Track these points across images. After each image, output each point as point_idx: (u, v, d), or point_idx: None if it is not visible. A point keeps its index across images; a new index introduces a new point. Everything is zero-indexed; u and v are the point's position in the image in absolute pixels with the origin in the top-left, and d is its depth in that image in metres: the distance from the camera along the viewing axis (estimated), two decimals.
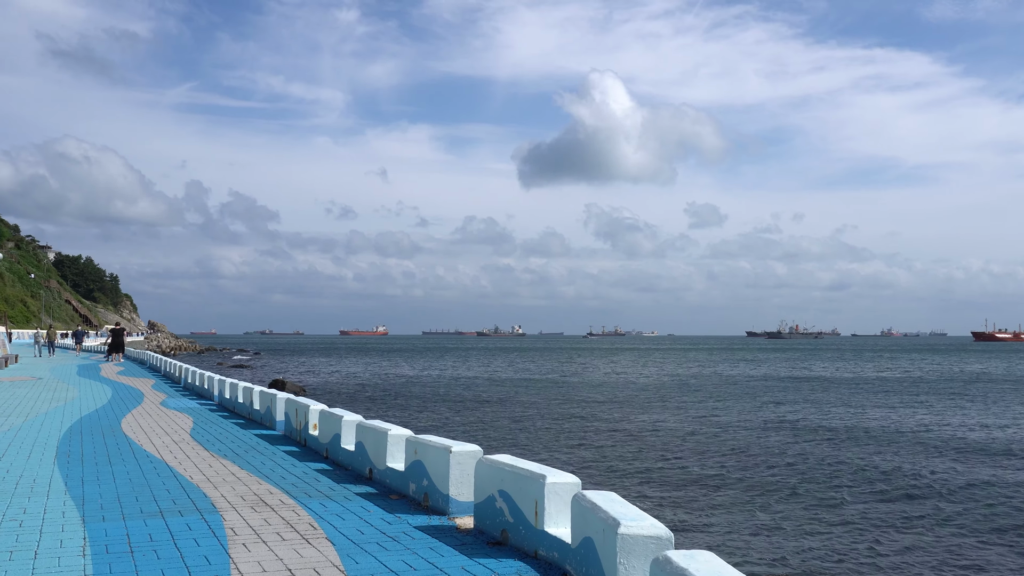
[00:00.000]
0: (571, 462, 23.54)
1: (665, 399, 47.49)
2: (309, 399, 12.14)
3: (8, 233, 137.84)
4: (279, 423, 13.25)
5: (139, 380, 25.84)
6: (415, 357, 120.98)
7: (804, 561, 14.23)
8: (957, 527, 16.72)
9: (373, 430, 9.09)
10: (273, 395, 13.55)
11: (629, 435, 30.78)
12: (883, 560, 14.35)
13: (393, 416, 36.14)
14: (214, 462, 9.97)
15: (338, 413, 10.41)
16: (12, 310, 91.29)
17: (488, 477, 6.71)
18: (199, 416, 15.45)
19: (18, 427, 13.19)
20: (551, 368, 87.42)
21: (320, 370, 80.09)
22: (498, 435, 30.23)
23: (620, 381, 64.88)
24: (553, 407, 41.68)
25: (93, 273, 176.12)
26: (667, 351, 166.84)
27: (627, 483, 20.77)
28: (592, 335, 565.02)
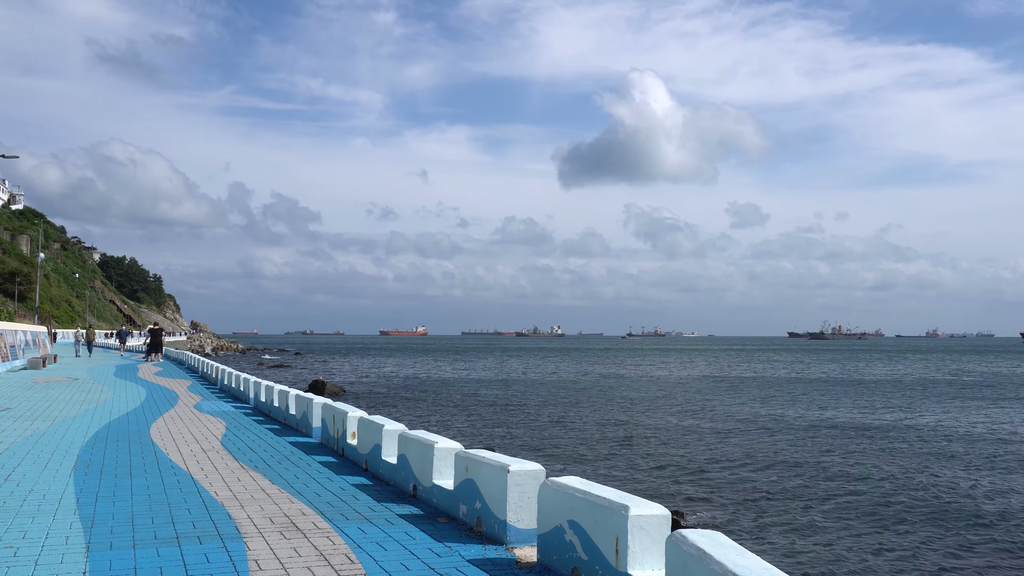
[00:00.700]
0: (647, 484, 22.25)
1: (735, 408, 46.06)
2: (348, 405, 11.21)
3: (54, 234, 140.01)
4: (316, 430, 12.36)
5: (175, 381, 25.25)
6: (455, 358, 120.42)
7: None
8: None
9: (417, 442, 8.11)
10: (309, 400, 12.66)
11: (712, 452, 29.52)
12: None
13: (435, 421, 35.28)
14: (243, 475, 9.07)
15: (378, 422, 9.45)
16: (57, 310, 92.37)
17: (555, 503, 5.68)
18: (232, 421, 14.63)
19: (42, 432, 12.46)
20: (599, 370, 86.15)
21: (360, 371, 79.71)
22: (555, 446, 29.00)
23: (676, 385, 63.48)
24: (611, 414, 40.50)
25: (137, 274, 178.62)
26: (713, 352, 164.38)
27: (719, 515, 19.52)
28: (631, 335, 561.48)
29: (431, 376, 70.77)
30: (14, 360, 30.14)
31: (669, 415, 38.47)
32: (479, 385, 59.07)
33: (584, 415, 38.06)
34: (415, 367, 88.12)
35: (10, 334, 30.39)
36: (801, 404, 44.90)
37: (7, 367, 28.25)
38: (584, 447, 27.78)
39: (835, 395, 51.72)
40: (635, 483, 21.51)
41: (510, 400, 46.04)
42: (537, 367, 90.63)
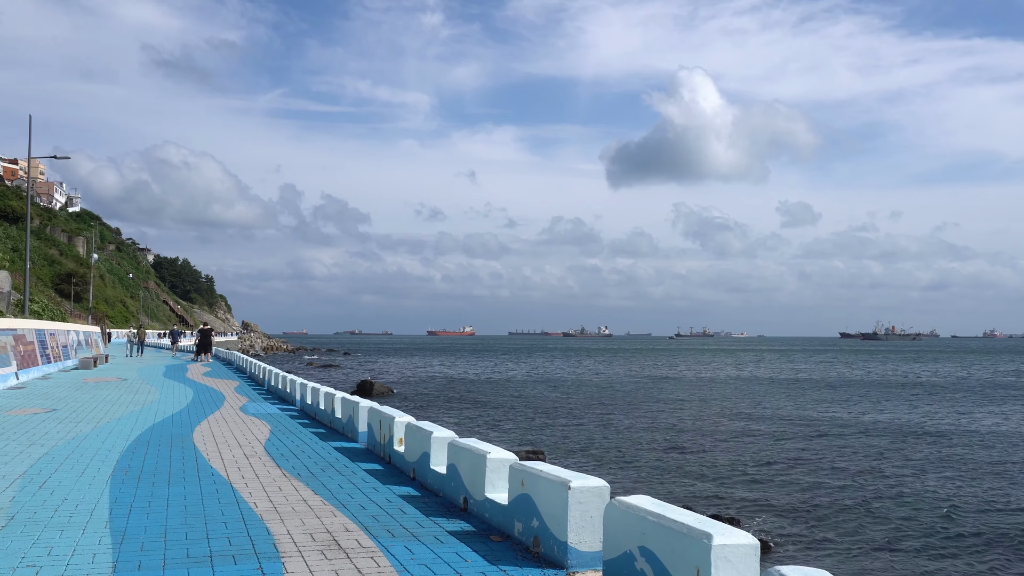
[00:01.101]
0: (709, 497, 21.43)
1: (794, 411, 44.90)
2: (394, 409, 10.72)
3: (110, 236, 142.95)
4: (361, 435, 11.89)
5: (223, 382, 25.12)
6: (503, 358, 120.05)
7: None
8: None
9: (468, 452, 7.56)
10: (355, 403, 12.20)
11: (779, 462, 28.61)
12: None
13: (483, 423, 34.82)
14: (285, 484, 8.61)
15: (426, 428, 8.93)
16: (112, 310, 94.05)
17: (623, 526, 5.08)
18: (277, 424, 14.26)
19: (84, 436, 12.20)
20: (648, 372, 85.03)
21: (408, 371, 79.75)
22: (607, 450, 28.38)
23: (729, 387, 62.28)
24: (664, 418, 39.65)
25: (190, 275, 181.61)
26: (764, 353, 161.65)
27: (799, 535, 18.73)
28: (679, 336, 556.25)
29: (479, 377, 70.42)
30: (66, 360, 30.38)
31: (725, 419, 37.49)
32: (527, 386, 58.53)
33: (637, 419, 37.27)
34: (462, 367, 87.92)
35: (62, 334, 30.65)
36: (862, 407, 43.51)
37: (59, 367, 28.46)
38: (639, 453, 27.04)
39: (897, 398, 50.12)
40: (700, 498, 20.76)
41: (559, 402, 45.40)
42: (586, 368, 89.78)
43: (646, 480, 22.11)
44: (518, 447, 28.40)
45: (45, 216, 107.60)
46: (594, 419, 36.53)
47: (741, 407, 42.71)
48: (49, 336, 28.27)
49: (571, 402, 45.26)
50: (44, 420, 14.06)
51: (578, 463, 25.12)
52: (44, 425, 13.35)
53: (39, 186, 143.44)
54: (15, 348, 22.88)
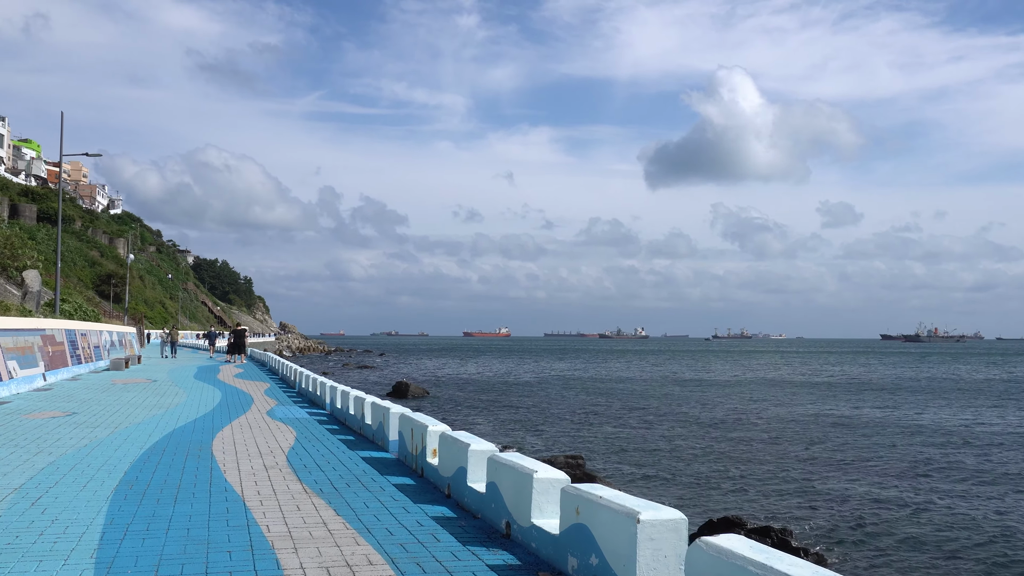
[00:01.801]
0: (788, 519, 20.31)
1: (852, 412, 43.31)
2: (428, 417, 9.74)
3: (150, 238, 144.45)
4: (392, 443, 10.93)
5: (253, 384, 24.38)
6: (540, 360, 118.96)
7: None
8: None
9: (511, 470, 6.53)
10: (386, 409, 11.24)
11: (852, 480, 27.30)
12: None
13: (520, 427, 33.76)
14: (304, 502, 7.66)
15: (463, 440, 7.91)
16: (151, 311, 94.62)
17: (713, 572, 4.01)
18: (304, 431, 13.36)
19: (97, 442, 11.38)
20: (691, 374, 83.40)
21: (444, 372, 79.01)
22: (656, 464, 27.19)
23: (776, 390, 60.65)
24: (713, 425, 38.35)
25: (228, 276, 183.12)
26: (805, 355, 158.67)
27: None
28: (717, 337, 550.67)
29: (515, 378, 69.43)
30: (98, 361, 29.93)
31: (769, 423, 36.07)
32: (564, 388, 57.40)
33: (677, 423, 35.99)
34: (498, 369, 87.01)
35: (94, 335, 30.19)
36: (922, 410, 41.75)
37: (90, 368, 27.97)
38: (682, 461, 25.80)
39: (951, 401, 48.18)
40: (750, 514, 19.53)
41: (596, 405, 44.22)
42: (623, 370, 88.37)
43: (695, 496, 20.92)
44: (556, 452, 27.39)
45: (87, 218, 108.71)
46: (633, 423, 35.34)
47: (787, 411, 41.20)
48: (80, 337, 27.80)
49: (609, 405, 44.08)
50: (60, 425, 13.31)
51: (617, 469, 24.03)
52: (59, 430, 12.59)
53: (82, 188, 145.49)
54: (43, 349, 22.33)
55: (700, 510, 19.37)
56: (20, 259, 33.37)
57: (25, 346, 20.56)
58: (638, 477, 22.90)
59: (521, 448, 28.41)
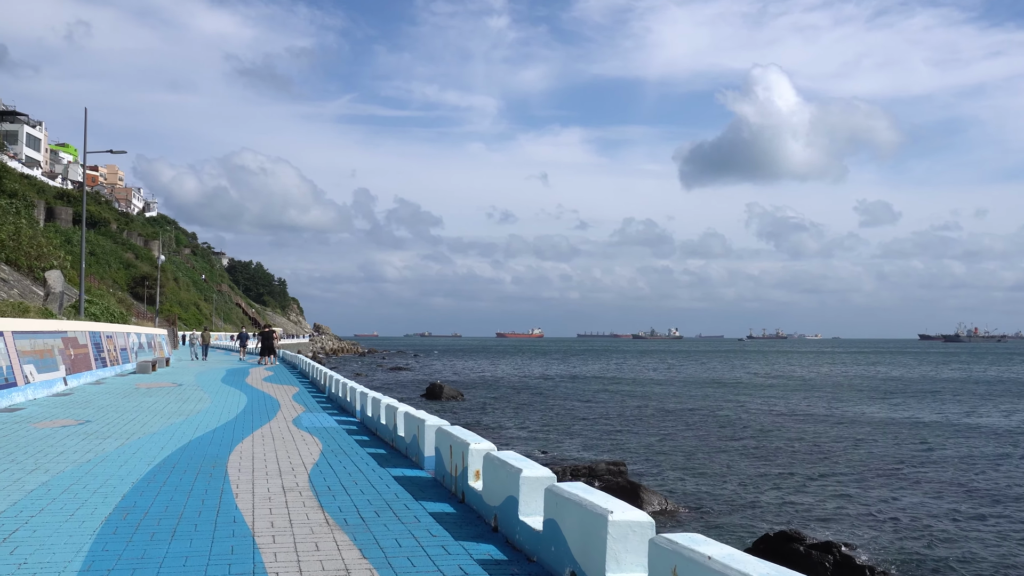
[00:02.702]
0: (838, 529, 18.77)
1: (903, 414, 41.49)
2: (468, 432, 8.47)
3: (185, 240, 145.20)
4: (428, 460, 9.68)
5: (282, 388, 23.32)
6: (574, 361, 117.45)
7: None
8: None
9: (579, 507, 5.23)
10: (420, 421, 9.99)
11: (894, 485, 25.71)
12: None
13: (559, 432, 32.41)
14: (324, 537, 6.43)
15: (513, 463, 6.63)
16: (186, 312, 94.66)
17: None
18: (331, 442, 12.16)
19: (103, 456, 10.29)
20: (731, 375, 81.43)
21: (478, 373, 77.90)
22: (697, 470, 25.73)
23: (823, 392, 58.77)
24: (753, 428, 36.77)
25: (263, 277, 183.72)
26: (844, 355, 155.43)
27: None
28: (751, 338, 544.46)
29: (549, 380, 68.10)
30: (125, 364, 29.12)
31: (828, 427, 34.36)
32: (601, 390, 55.95)
33: (727, 428, 34.41)
34: (532, 370, 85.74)
35: (121, 336, 29.39)
36: (979, 411, 39.77)
37: (116, 371, 27.14)
38: (739, 474, 24.27)
39: (999, 403, 45.99)
40: (812, 519, 18.04)
41: (633, 407, 42.73)
42: (661, 370, 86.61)
43: (746, 507, 19.46)
44: (596, 456, 26.12)
45: (122, 220, 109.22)
46: (672, 426, 33.88)
47: (835, 413, 39.42)
48: (106, 339, 26.98)
49: (645, 407, 42.62)
50: (68, 435, 12.26)
51: (660, 477, 22.66)
52: (65, 441, 11.53)
53: (118, 192, 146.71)
54: (64, 351, 21.46)
55: (753, 520, 18.00)
56: (46, 259, 32.82)
57: (44, 349, 19.67)
58: (684, 486, 21.54)
59: (559, 453, 27.15)
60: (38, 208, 78.48)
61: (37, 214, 77.03)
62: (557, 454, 27.12)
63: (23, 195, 68.42)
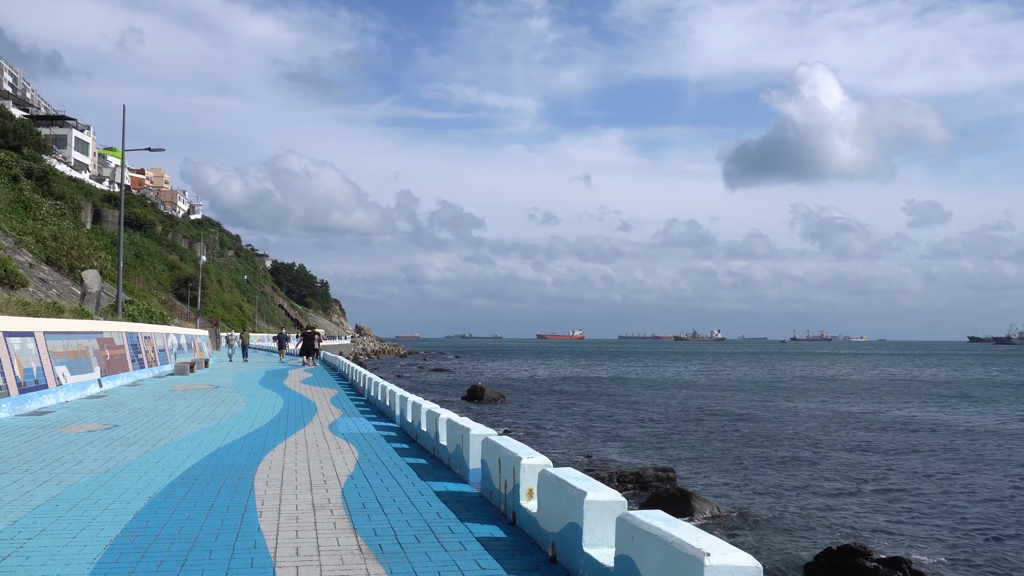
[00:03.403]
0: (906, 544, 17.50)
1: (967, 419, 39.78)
2: (519, 444, 7.53)
3: (229, 242, 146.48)
4: (473, 473, 8.77)
5: (320, 391, 22.61)
6: (617, 362, 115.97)
7: None
8: None
9: (663, 544, 4.26)
10: (465, 430, 9.07)
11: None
12: None
13: (603, 436, 31.32)
14: (356, 568, 5.53)
15: (575, 484, 5.66)
16: (228, 314, 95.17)
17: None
18: (368, 451, 11.31)
19: (124, 466, 9.54)
20: (777, 377, 79.50)
21: (519, 375, 77.00)
22: (751, 479, 24.49)
23: (897, 399, 56.91)
24: (803, 432, 35.36)
25: (305, 279, 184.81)
26: (903, 357, 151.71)
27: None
28: (796, 339, 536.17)
29: (591, 382, 66.93)
30: (163, 365, 28.69)
31: (886, 430, 32.82)
32: (644, 392, 54.66)
33: (775, 430, 33.04)
34: (574, 371, 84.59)
35: (159, 337, 28.97)
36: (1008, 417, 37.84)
37: (153, 373, 26.69)
38: (791, 482, 23.01)
39: None
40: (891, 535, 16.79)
41: (678, 409, 41.44)
42: (705, 372, 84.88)
43: (806, 518, 18.25)
44: (644, 462, 25.09)
45: (167, 223, 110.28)
46: (718, 428, 32.62)
47: (893, 417, 37.78)
48: (143, 339, 26.54)
49: (689, 409, 41.31)
50: (92, 441, 11.57)
51: (710, 483, 21.54)
52: (87, 448, 10.83)
53: (163, 194, 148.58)
54: (99, 353, 20.96)
55: (811, 532, 16.86)
56: (88, 260, 32.61)
57: (78, 350, 19.16)
58: (734, 494, 20.41)
59: (603, 457, 26.16)
60: (85, 211, 79.30)
61: (84, 217, 77.85)
62: (601, 458, 26.20)
63: (71, 198, 69.08)
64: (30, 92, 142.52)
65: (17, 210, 40.91)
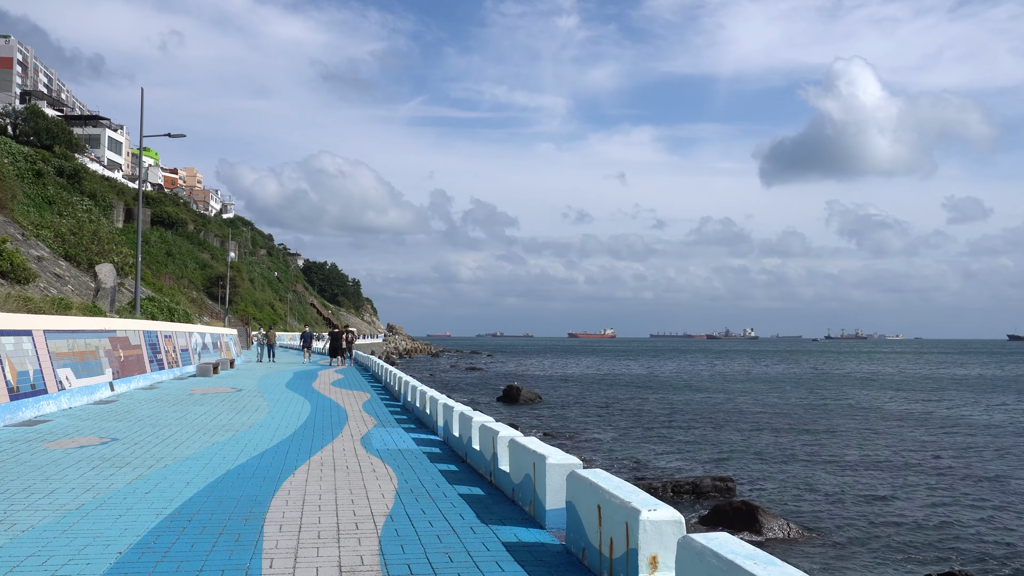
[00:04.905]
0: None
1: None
2: (630, 487, 5.40)
3: (261, 241, 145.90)
4: (552, 515, 6.65)
5: (351, 395, 20.65)
6: (650, 361, 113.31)
7: None
8: None
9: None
10: (540, 458, 6.93)
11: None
12: None
13: (645, 439, 29.02)
14: None
15: (746, 564, 3.54)
16: (260, 312, 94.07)
17: None
18: (409, 475, 9.24)
19: (106, 498, 7.57)
20: (817, 376, 76.46)
21: (553, 374, 74.83)
22: (859, 508, 22.09)
23: (965, 401, 54.01)
24: (855, 435, 32.82)
25: (337, 278, 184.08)
26: (947, 356, 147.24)
27: None
28: (830, 338, 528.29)
29: (626, 380, 64.55)
30: (185, 366, 26.92)
31: (955, 435, 30.21)
32: (683, 391, 52.20)
33: (836, 430, 30.53)
34: (608, 370, 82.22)
35: (181, 336, 27.20)
36: None
37: (174, 374, 24.92)
38: (863, 492, 20.62)
39: None
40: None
41: (725, 411, 39.01)
42: (746, 372, 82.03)
43: (877, 534, 15.94)
44: (698, 470, 22.99)
45: (199, 221, 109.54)
46: (772, 432, 30.22)
47: (952, 418, 35.11)
48: (164, 339, 24.78)
49: (734, 410, 38.90)
50: (79, 460, 9.65)
51: (776, 495, 19.31)
52: (70, 471, 8.90)
53: (196, 194, 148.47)
54: (112, 353, 19.17)
55: (897, 552, 14.66)
56: (108, 255, 31.06)
57: (86, 351, 17.36)
58: (802, 507, 18.22)
59: (652, 462, 24.07)
60: (117, 209, 78.52)
61: (116, 215, 77.04)
62: (649, 463, 24.18)
63: (103, 196, 68.28)
64: (65, 93, 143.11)
65: (41, 205, 39.65)
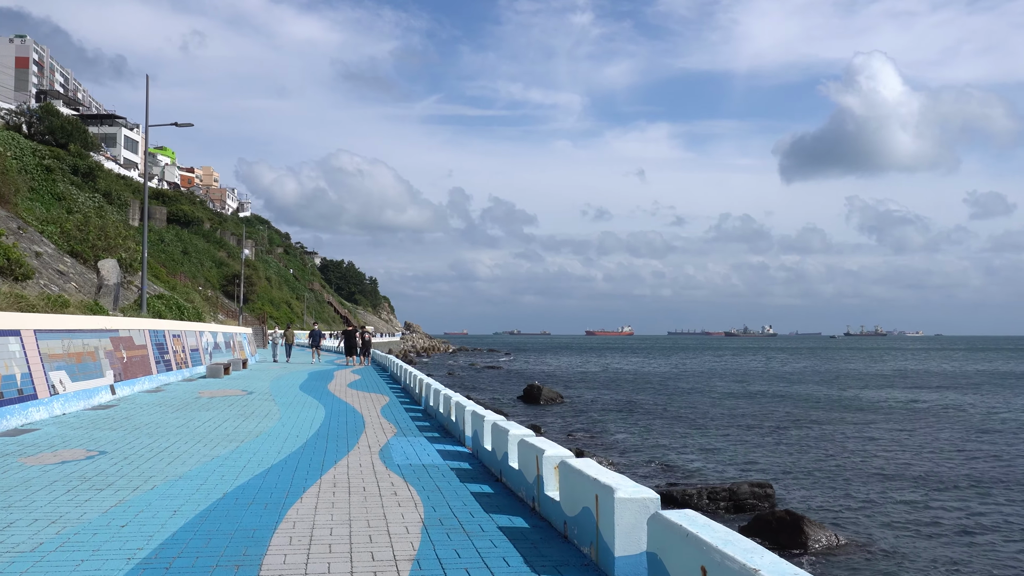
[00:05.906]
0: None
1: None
2: (731, 534, 4.00)
3: (278, 240, 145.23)
4: (622, 562, 5.27)
5: (369, 398, 19.32)
6: (669, 359, 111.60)
7: None
8: None
9: None
10: (606, 490, 5.53)
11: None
12: None
13: (670, 436, 27.52)
14: None
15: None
16: (277, 311, 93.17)
17: None
18: (437, 499, 7.87)
19: (70, 533, 6.25)
20: (844, 378, 74.57)
21: (572, 373, 73.39)
22: (918, 519, 20.48)
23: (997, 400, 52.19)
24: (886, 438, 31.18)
25: (354, 276, 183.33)
26: (973, 353, 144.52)
27: None
28: (849, 335, 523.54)
29: (647, 378, 62.99)
30: (195, 366, 25.70)
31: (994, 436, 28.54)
32: (705, 390, 50.61)
33: (889, 448, 28.93)
34: (628, 368, 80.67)
35: (191, 336, 25.96)
36: None
37: (182, 375, 23.70)
38: (919, 499, 19.07)
39: None
40: None
41: (752, 410, 37.44)
42: (765, 367, 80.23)
43: (929, 547, 14.42)
44: (733, 474, 21.61)
45: (216, 220, 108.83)
46: (804, 433, 28.66)
47: (993, 419, 33.42)
48: (172, 338, 23.57)
49: (762, 410, 37.34)
50: (56, 480, 8.35)
51: (819, 505, 17.89)
52: (40, 495, 7.59)
53: (212, 192, 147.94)
54: (113, 354, 17.93)
55: (955, 568, 13.23)
56: (115, 251, 29.94)
57: (83, 351, 16.12)
58: (846, 516, 16.82)
59: (684, 466, 22.70)
60: (133, 207, 77.84)
61: (132, 213, 76.34)
62: (681, 467, 22.82)
63: (118, 194, 67.54)
64: (81, 92, 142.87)
65: (50, 201, 38.65)
